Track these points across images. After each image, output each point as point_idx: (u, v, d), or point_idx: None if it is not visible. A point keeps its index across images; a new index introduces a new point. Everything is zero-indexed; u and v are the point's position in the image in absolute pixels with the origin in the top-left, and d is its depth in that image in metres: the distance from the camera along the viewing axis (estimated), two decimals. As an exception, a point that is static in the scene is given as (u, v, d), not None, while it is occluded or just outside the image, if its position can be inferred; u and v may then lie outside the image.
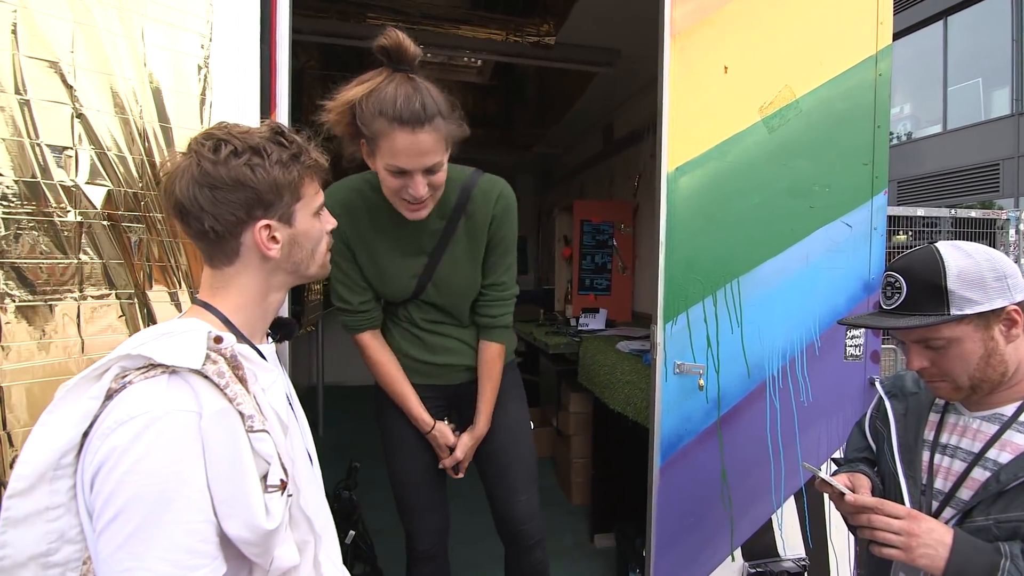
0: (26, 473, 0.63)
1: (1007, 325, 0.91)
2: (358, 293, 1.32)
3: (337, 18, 2.57)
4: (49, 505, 0.63)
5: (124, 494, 0.60)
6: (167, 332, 0.68)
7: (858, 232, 1.77)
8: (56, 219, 0.99)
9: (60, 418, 0.64)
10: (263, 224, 0.73)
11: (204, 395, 0.65)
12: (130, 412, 0.62)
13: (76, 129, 1.01)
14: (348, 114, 1.11)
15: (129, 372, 0.65)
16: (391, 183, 1.13)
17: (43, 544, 0.64)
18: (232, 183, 0.70)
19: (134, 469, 0.60)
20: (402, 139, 1.06)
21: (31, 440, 0.64)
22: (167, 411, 0.62)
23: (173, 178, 0.71)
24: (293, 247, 0.78)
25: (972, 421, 0.99)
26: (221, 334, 0.68)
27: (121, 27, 1.06)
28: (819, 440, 1.76)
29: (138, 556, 0.59)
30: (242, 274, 0.75)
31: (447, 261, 1.31)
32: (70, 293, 1.01)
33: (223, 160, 0.70)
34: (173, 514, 0.60)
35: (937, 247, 0.96)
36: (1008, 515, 0.88)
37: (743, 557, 1.73)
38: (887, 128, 1.80)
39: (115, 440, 0.61)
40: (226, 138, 0.72)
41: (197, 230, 0.72)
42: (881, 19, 1.76)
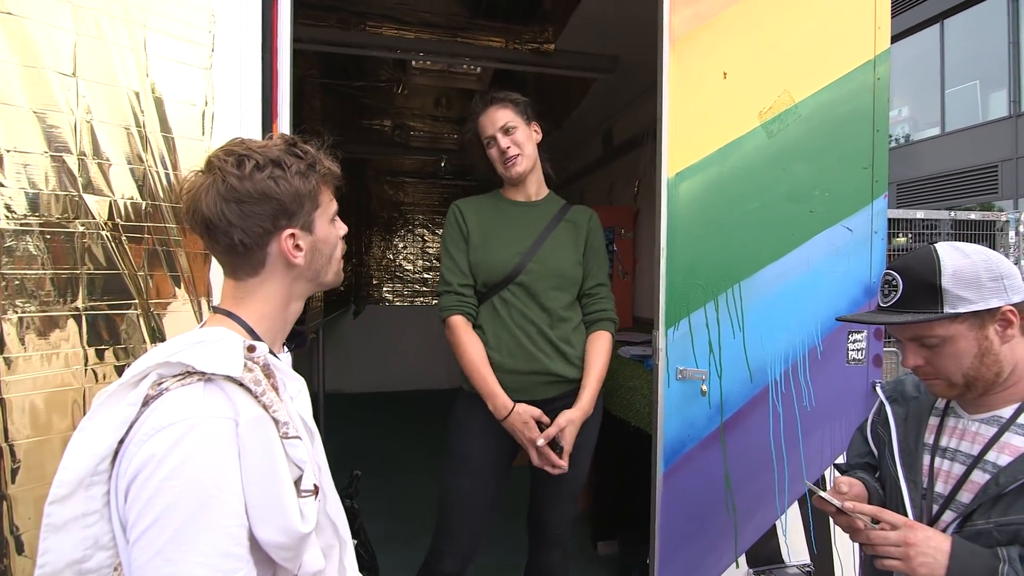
0: (68, 479, 0.64)
1: (1002, 325, 0.92)
2: (458, 276, 1.52)
3: (337, 26, 2.59)
4: (86, 511, 0.65)
5: (162, 500, 0.60)
6: (201, 340, 0.69)
7: (859, 236, 1.77)
8: (59, 230, 0.99)
9: (99, 424, 0.65)
10: (289, 233, 0.76)
11: (240, 402, 0.66)
12: (168, 419, 0.63)
13: (79, 140, 1.01)
14: (469, 135, 1.62)
15: (165, 379, 0.66)
16: (492, 154, 1.54)
17: (79, 551, 0.65)
18: (258, 196, 0.73)
19: (173, 475, 0.61)
20: (480, 120, 1.54)
21: (71, 446, 0.65)
22: (205, 418, 0.64)
23: (196, 195, 0.73)
24: (314, 254, 0.80)
25: (971, 424, 0.99)
26: (254, 343, 0.71)
27: (125, 38, 1.07)
28: (822, 445, 1.75)
29: (175, 562, 0.60)
30: (267, 284, 0.78)
31: (549, 243, 1.55)
32: (73, 304, 1.01)
33: (248, 174, 0.72)
34: (210, 518, 0.61)
35: (935, 247, 0.97)
36: (1008, 518, 0.88)
37: (748, 564, 1.72)
38: (886, 132, 1.81)
39: (153, 447, 0.62)
40: (247, 153, 0.74)
41: (226, 245, 0.74)
42: (879, 23, 1.77)
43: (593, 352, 1.53)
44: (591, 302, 1.60)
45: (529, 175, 1.57)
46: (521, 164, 1.52)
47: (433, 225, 6.12)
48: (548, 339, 1.48)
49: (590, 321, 1.59)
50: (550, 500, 1.57)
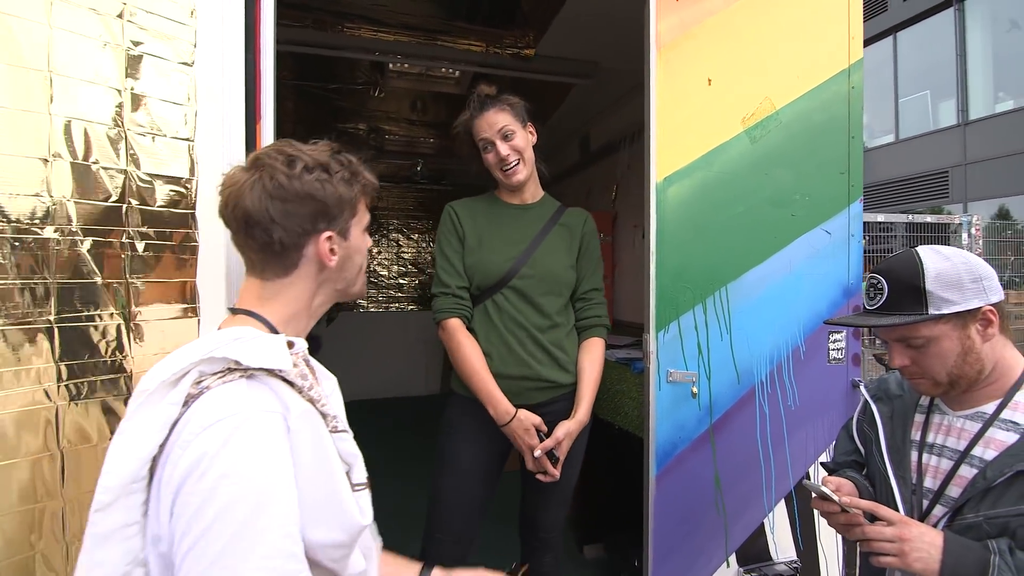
0: (112, 484, 0.61)
1: (983, 325, 0.96)
2: (455, 278, 1.49)
3: (313, 27, 2.53)
4: (126, 521, 0.62)
5: (216, 504, 0.57)
6: (239, 337, 0.67)
7: (837, 239, 1.82)
8: (29, 236, 0.93)
9: (140, 425, 0.62)
10: (327, 235, 0.76)
11: (287, 397, 0.65)
12: (215, 415, 0.60)
13: (52, 139, 0.95)
14: (461, 135, 1.56)
15: (206, 376, 0.64)
16: (489, 158, 1.51)
17: (121, 565, 0.61)
18: (304, 196, 0.73)
19: (226, 475, 0.58)
20: (478, 121, 1.49)
21: (113, 451, 0.63)
22: (254, 412, 0.62)
23: (240, 191, 0.72)
24: (347, 261, 0.80)
25: (956, 420, 1.02)
26: (292, 339, 0.71)
27: (101, 32, 1.01)
28: (806, 442, 1.79)
29: (234, 569, 0.56)
30: (295, 285, 0.77)
31: (544, 247, 1.53)
32: (45, 316, 0.94)
33: (297, 174, 0.73)
34: (269, 519, 0.58)
35: (917, 251, 1.00)
36: (997, 511, 0.91)
37: (737, 562, 1.74)
38: (861, 138, 1.87)
39: (202, 446, 0.59)
40: (297, 154, 0.75)
41: (263, 242, 0.73)
42: (853, 34, 1.83)
43: (588, 360, 1.52)
44: (585, 307, 1.59)
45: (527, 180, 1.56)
46: (521, 172, 1.51)
47: (408, 230, 6.04)
48: (540, 344, 1.47)
49: (583, 327, 1.58)
50: (541, 504, 1.56)
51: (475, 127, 1.50)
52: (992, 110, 10.42)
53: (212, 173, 1.15)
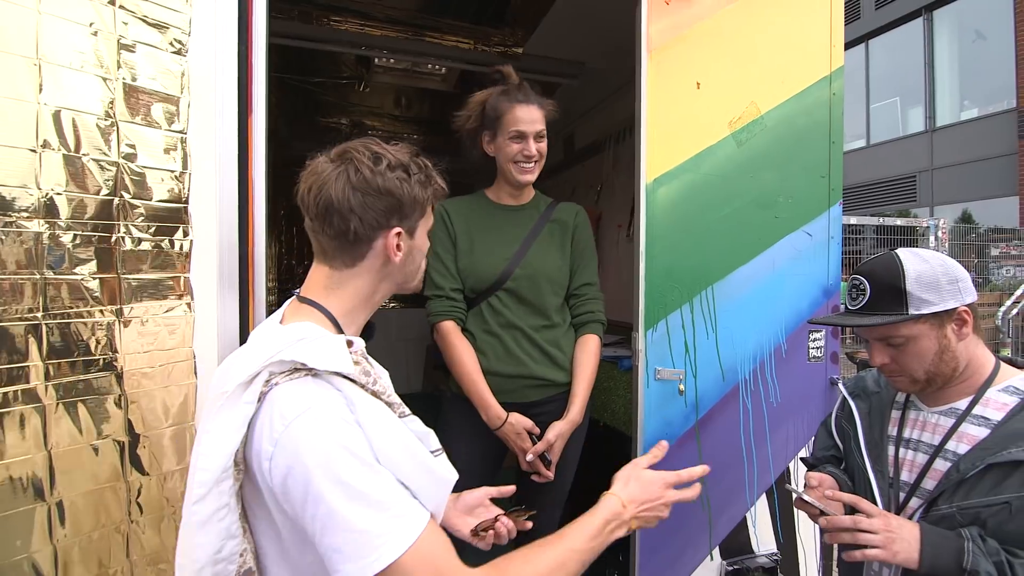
0: (207, 479, 0.69)
1: (958, 324, 1.00)
2: (449, 280, 1.49)
3: (299, 19, 2.48)
4: (219, 506, 0.69)
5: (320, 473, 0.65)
6: (303, 337, 0.73)
7: (818, 240, 1.87)
8: (19, 230, 0.90)
9: (224, 424, 0.69)
10: (397, 231, 0.81)
11: (351, 393, 0.71)
12: (296, 410, 0.67)
13: (41, 130, 0.92)
14: (478, 109, 1.52)
15: (275, 376, 0.70)
16: (512, 148, 1.47)
17: (216, 542, 0.70)
18: (384, 191, 0.78)
19: (314, 449, 0.65)
20: (522, 110, 1.46)
21: (203, 449, 0.70)
22: (328, 403, 0.68)
23: (325, 180, 0.77)
24: (409, 258, 0.85)
25: (930, 416, 1.07)
26: (351, 338, 0.76)
27: (94, 20, 0.98)
28: (787, 438, 1.84)
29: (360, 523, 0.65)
30: (360, 277, 0.81)
31: (536, 248, 1.53)
32: (34, 312, 0.92)
33: (381, 171, 0.78)
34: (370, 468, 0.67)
35: (897, 253, 1.05)
36: (970, 502, 0.96)
37: (721, 556, 1.79)
38: (841, 143, 1.93)
39: (295, 437, 0.66)
40: (382, 152, 0.80)
41: (339, 229, 0.78)
42: (834, 41, 1.88)
43: (582, 359, 1.54)
44: (579, 303, 1.60)
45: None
46: (534, 173, 1.51)
47: (390, 226, 5.98)
48: (536, 343, 1.48)
49: (578, 323, 1.59)
50: (537, 504, 1.57)
51: (512, 114, 1.46)
52: (958, 117, 10.82)
53: (205, 166, 1.13)
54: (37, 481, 0.91)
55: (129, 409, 1.02)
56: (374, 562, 0.64)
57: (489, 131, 1.50)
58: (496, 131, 1.49)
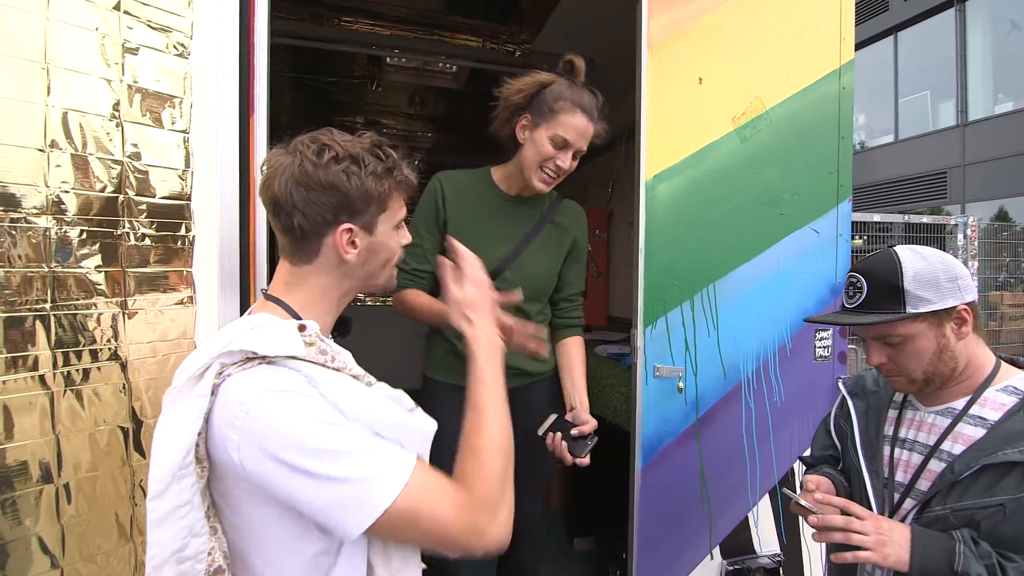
0: (161, 475, 0.67)
1: (958, 323, 0.98)
2: (421, 262, 1.39)
3: (310, 20, 2.54)
4: (179, 503, 0.67)
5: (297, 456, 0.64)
6: (254, 327, 0.72)
7: (825, 238, 1.84)
8: (28, 226, 0.95)
9: (175, 419, 0.68)
10: (346, 227, 0.77)
11: (311, 372, 0.69)
12: (253, 392, 0.66)
13: (49, 130, 0.97)
14: (534, 88, 1.36)
15: (227, 367, 0.69)
16: (547, 151, 1.33)
17: (178, 540, 0.68)
18: (327, 186, 0.74)
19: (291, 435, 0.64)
20: (579, 120, 1.33)
21: (156, 445, 0.68)
22: (285, 383, 0.67)
23: (275, 175, 0.75)
24: (369, 255, 0.81)
25: (927, 416, 1.05)
26: (304, 322, 0.74)
27: (100, 24, 1.02)
28: (791, 439, 1.82)
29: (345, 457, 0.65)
30: (318, 274, 0.79)
31: (531, 250, 1.45)
32: (41, 304, 0.97)
33: (324, 164, 0.74)
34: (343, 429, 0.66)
35: (895, 250, 1.02)
36: (964, 503, 0.94)
37: (721, 555, 1.77)
38: (851, 139, 1.89)
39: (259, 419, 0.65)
40: (330, 143, 0.76)
41: (286, 225, 0.76)
42: (844, 35, 1.85)
43: (573, 361, 1.48)
44: (570, 308, 1.55)
45: None
46: (552, 186, 1.40)
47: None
48: None
49: (566, 325, 1.54)
50: (518, 495, 1.54)
51: (570, 117, 1.32)
52: (991, 111, 10.43)
53: (207, 164, 1.17)
54: (45, 463, 0.96)
55: (133, 396, 1.07)
56: (373, 508, 0.64)
57: (534, 117, 1.35)
58: (542, 122, 1.34)
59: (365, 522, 0.64)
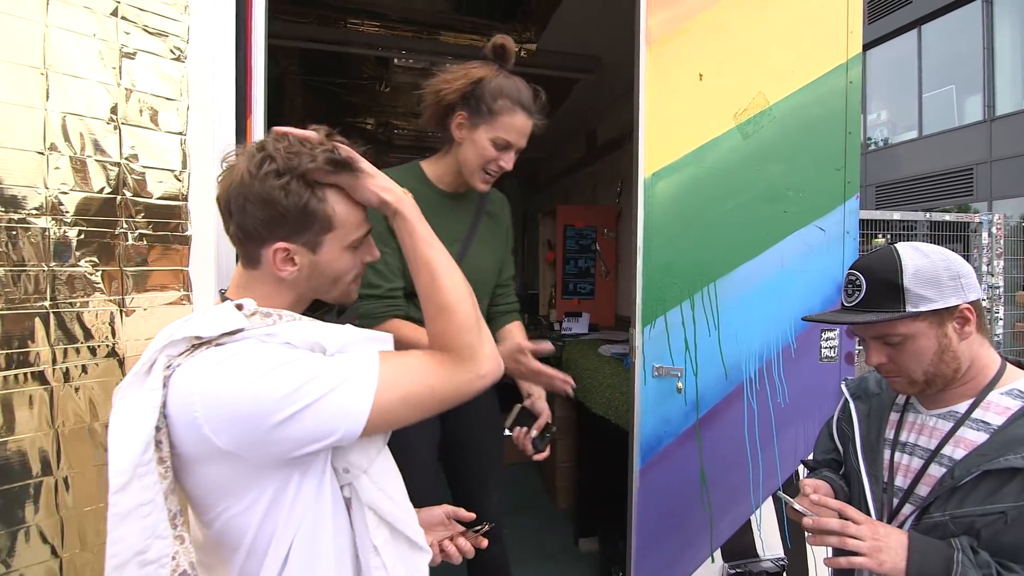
0: (123, 467, 0.65)
1: (960, 323, 0.95)
2: (389, 280, 1.30)
3: (317, 23, 2.57)
4: (142, 501, 0.65)
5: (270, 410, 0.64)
6: (193, 317, 0.71)
7: (831, 236, 1.81)
8: (27, 226, 0.98)
9: (126, 415, 0.66)
10: (280, 247, 0.73)
11: (260, 334, 0.69)
12: (205, 369, 0.66)
13: (49, 133, 1.00)
14: (470, 86, 1.28)
15: (173, 359, 0.68)
16: (490, 154, 1.29)
17: (141, 540, 0.66)
18: (261, 201, 0.70)
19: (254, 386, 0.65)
20: (520, 119, 1.28)
21: (113, 439, 0.66)
22: (236, 349, 0.67)
23: (227, 176, 0.74)
24: (313, 273, 0.77)
25: (929, 419, 1.02)
26: (240, 301, 0.72)
27: (98, 30, 1.05)
28: (796, 441, 1.79)
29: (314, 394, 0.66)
30: (262, 282, 0.77)
31: (475, 246, 1.42)
32: (40, 303, 1.00)
33: (261, 176, 0.70)
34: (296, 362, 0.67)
35: (896, 247, 0.99)
36: (963, 510, 0.91)
37: (723, 558, 1.75)
38: (858, 134, 1.85)
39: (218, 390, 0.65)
40: (273, 155, 0.71)
41: (228, 229, 0.76)
42: (851, 28, 1.81)
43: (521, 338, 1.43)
44: (506, 293, 1.53)
45: None
46: (490, 184, 1.37)
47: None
48: None
49: (505, 311, 1.51)
50: (480, 492, 1.49)
51: (511, 118, 1.27)
52: (1020, 105, 10.09)
53: (204, 166, 1.20)
54: (45, 456, 0.99)
55: (130, 393, 1.09)
56: (361, 410, 0.66)
57: (472, 116, 1.28)
58: (481, 123, 1.28)
59: (361, 419, 0.67)
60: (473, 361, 0.74)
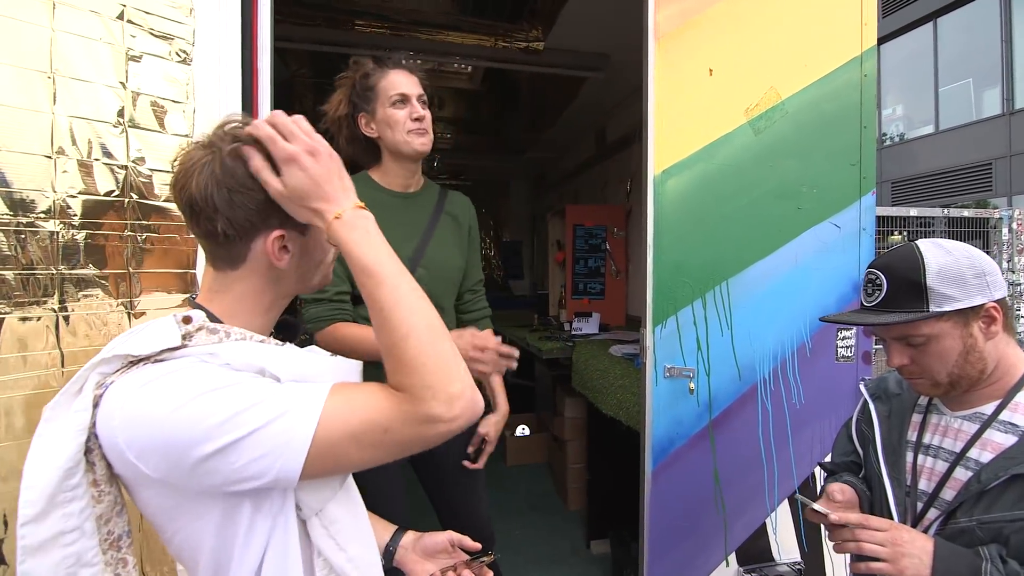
0: (34, 498, 0.60)
1: (986, 322, 0.91)
2: (335, 284, 1.30)
3: (325, 26, 2.58)
4: (63, 529, 0.61)
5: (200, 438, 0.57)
6: (134, 331, 0.66)
7: (847, 232, 1.77)
8: (36, 229, 0.98)
9: (50, 438, 0.61)
10: (277, 235, 0.68)
11: (200, 352, 0.63)
12: (132, 389, 0.60)
13: (56, 137, 1.00)
14: (347, 94, 1.38)
15: (107, 376, 0.62)
16: (398, 115, 1.33)
17: (61, 570, 0.61)
18: (252, 187, 0.66)
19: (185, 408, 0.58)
20: (396, 74, 1.35)
21: (29, 466, 0.61)
22: (170, 367, 0.61)
23: (189, 172, 0.65)
24: (303, 257, 0.73)
25: (953, 421, 0.98)
26: (190, 314, 0.65)
27: (104, 34, 1.06)
28: (811, 442, 1.75)
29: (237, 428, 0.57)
30: (245, 281, 0.70)
31: (435, 242, 1.42)
32: (49, 305, 1.00)
33: (242, 164, 0.66)
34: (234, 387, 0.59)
35: (917, 244, 0.96)
36: (991, 515, 0.87)
37: (737, 562, 1.72)
38: (874, 129, 1.81)
39: (143, 411, 0.58)
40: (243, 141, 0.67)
41: (206, 230, 0.66)
42: (865, 20, 1.77)
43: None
44: (475, 299, 1.55)
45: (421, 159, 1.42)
46: (430, 139, 1.37)
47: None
48: None
49: (476, 318, 1.53)
50: (473, 502, 1.51)
51: (388, 80, 1.33)
52: (1041, 99, 9.88)
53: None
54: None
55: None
56: (297, 449, 0.58)
57: (366, 107, 1.35)
58: (374, 103, 1.34)
59: (298, 459, 0.58)
60: (435, 402, 0.61)
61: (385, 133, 1.35)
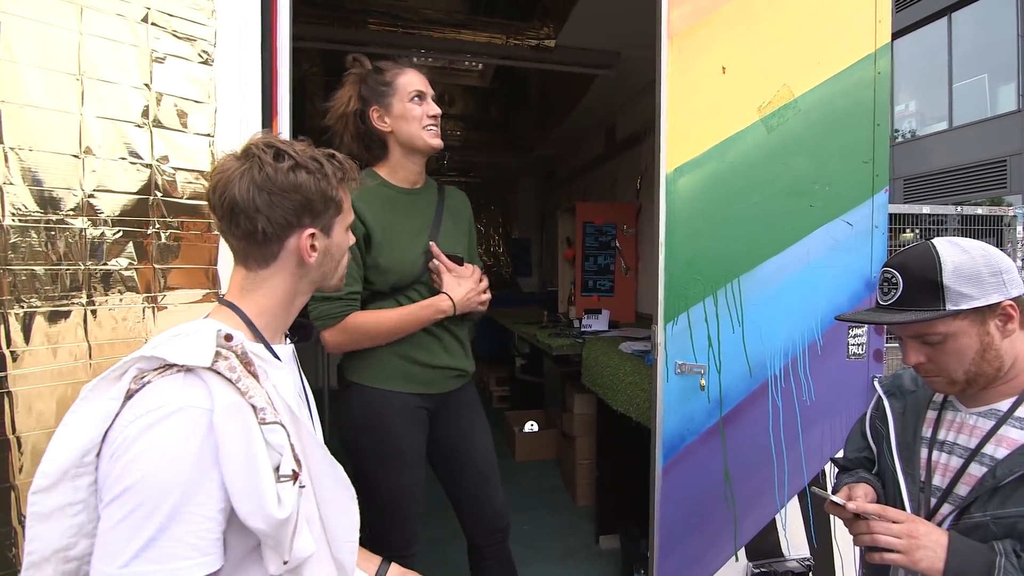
0: (50, 470, 0.66)
1: (1003, 320, 0.91)
2: (350, 284, 1.34)
3: (338, 25, 2.60)
4: (71, 501, 0.67)
5: (126, 479, 0.63)
6: (179, 333, 0.72)
7: (859, 230, 1.76)
8: (64, 226, 1.01)
9: (81, 418, 0.67)
10: (310, 232, 0.79)
11: (217, 390, 0.68)
12: (146, 407, 0.65)
13: (84, 137, 1.03)
14: (355, 89, 1.44)
15: (147, 373, 0.69)
16: (415, 111, 1.39)
17: (65, 539, 0.67)
18: (291, 188, 0.76)
19: (138, 458, 0.63)
20: (412, 73, 1.42)
21: (55, 440, 0.67)
22: (179, 407, 0.66)
23: (230, 179, 0.75)
24: (326, 257, 0.84)
25: (968, 417, 0.99)
26: (232, 331, 0.72)
27: (129, 36, 1.08)
28: (822, 439, 1.76)
29: (127, 540, 0.62)
30: (275, 277, 0.80)
31: (444, 232, 1.48)
32: (77, 299, 1.03)
33: (285, 169, 0.76)
34: (169, 506, 0.63)
35: (933, 243, 0.96)
36: (1005, 511, 0.88)
37: (747, 557, 1.73)
38: (887, 126, 1.80)
39: (128, 431, 0.65)
40: (286, 149, 0.78)
41: (246, 230, 0.76)
42: (880, 17, 1.76)
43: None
44: None
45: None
46: (440, 137, 1.44)
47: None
48: (455, 335, 1.48)
49: None
50: (489, 491, 1.53)
51: (406, 76, 1.40)
52: (1058, 94, 9.72)
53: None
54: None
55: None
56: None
57: (379, 101, 1.40)
58: (391, 99, 1.40)
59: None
60: None
61: (401, 127, 1.40)
